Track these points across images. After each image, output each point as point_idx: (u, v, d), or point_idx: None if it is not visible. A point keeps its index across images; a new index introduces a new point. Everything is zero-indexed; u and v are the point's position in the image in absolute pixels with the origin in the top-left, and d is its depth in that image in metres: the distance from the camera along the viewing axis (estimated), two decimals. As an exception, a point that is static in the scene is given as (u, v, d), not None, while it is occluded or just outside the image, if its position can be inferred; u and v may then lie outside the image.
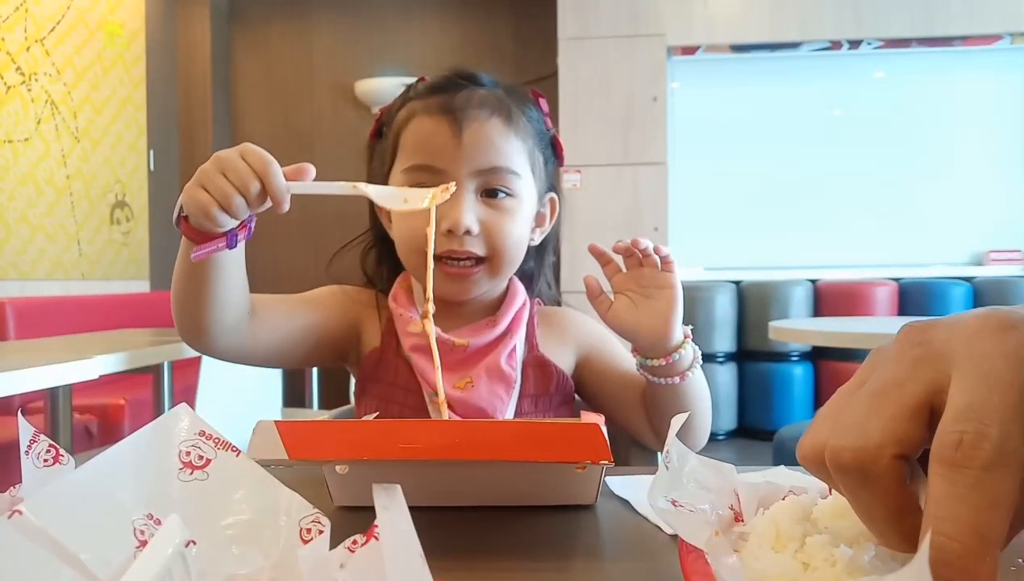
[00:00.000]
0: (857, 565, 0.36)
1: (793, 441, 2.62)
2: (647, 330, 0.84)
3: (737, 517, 0.46)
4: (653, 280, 0.85)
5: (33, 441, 0.43)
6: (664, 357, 0.85)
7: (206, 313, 0.82)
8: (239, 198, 0.70)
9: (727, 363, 4.10)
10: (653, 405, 0.91)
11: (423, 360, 0.90)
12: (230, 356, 0.89)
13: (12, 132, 3.48)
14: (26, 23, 3.57)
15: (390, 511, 0.33)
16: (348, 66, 4.65)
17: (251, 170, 0.70)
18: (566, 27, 4.11)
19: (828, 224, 4.31)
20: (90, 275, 3.94)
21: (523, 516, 0.62)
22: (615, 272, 0.88)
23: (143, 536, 0.38)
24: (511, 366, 0.92)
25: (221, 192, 0.70)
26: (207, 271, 0.79)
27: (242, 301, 0.85)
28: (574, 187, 4.10)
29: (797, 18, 4.08)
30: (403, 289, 0.97)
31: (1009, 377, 0.30)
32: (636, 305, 0.85)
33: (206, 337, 0.85)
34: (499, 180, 0.91)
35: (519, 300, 0.98)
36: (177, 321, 0.85)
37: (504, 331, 0.94)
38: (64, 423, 1.99)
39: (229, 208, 0.70)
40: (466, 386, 0.90)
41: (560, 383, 0.95)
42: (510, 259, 0.93)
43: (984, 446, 0.29)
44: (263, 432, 0.51)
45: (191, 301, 0.82)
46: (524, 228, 0.94)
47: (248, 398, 2.47)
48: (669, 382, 0.86)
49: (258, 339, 0.89)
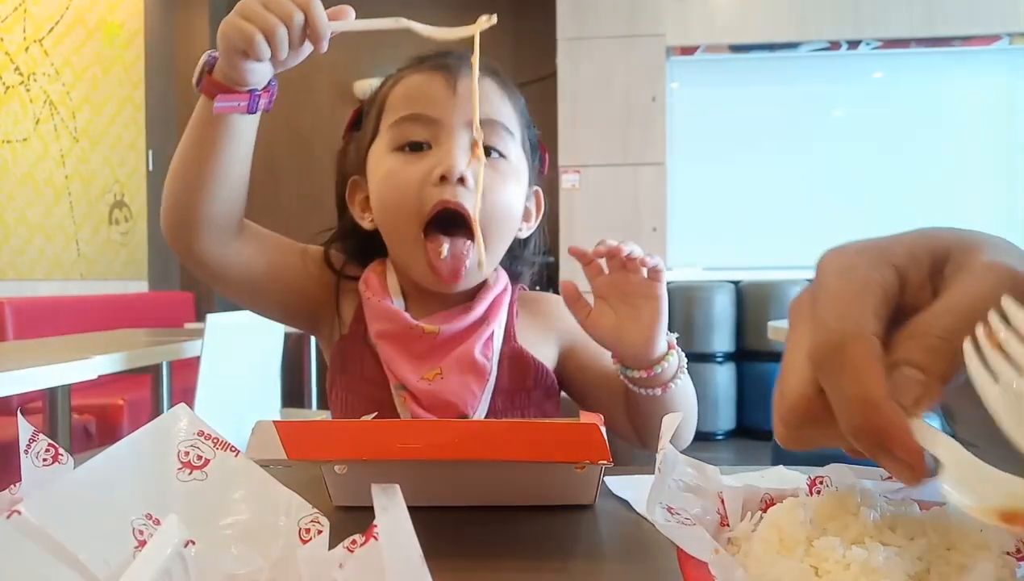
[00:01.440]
0: (872, 566, 0.36)
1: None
2: (628, 341, 0.78)
3: (723, 522, 0.46)
4: (637, 288, 0.77)
5: (32, 440, 0.43)
6: (646, 369, 0.79)
7: (203, 196, 0.78)
8: (283, 29, 0.68)
9: (726, 363, 4.10)
10: (635, 411, 0.86)
11: (391, 348, 0.85)
12: (208, 264, 0.83)
13: (11, 132, 3.48)
14: (25, 23, 3.57)
15: (389, 511, 0.33)
16: (348, 66, 4.65)
17: (295, 4, 0.69)
18: (565, 27, 4.11)
19: (827, 224, 4.31)
20: (89, 275, 3.94)
21: (523, 516, 0.62)
22: (597, 274, 0.79)
23: (142, 536, 0.38)
24: (486, 356, 0.85)
25: (265, 22, 0.68)
26: (218, 140, 0.76)
27: (239, 197, 0.82)
28: (573, 187, 4.10)
29: (796, 18, 4.09)
30: (376, 274, 0.90)
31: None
32: (617, 313, 0.78)
33: (193, 231, 0.80)
34: (494, 135, 0.86)
35: (499, 285, 0.91)
36: (169, 207, 0.81)
37: (481, 317, 0.87)
38: (63, 423, 1.99)
39: (273, 38, 0.68)
40: (435, 377, 0.83)
41: (540, 377, 0.89)
42: (500, 229, 0.87)
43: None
44: (262, 432, 0.51)
45: (192, 177, 0.78)
46: (516, 198, 0.88)
47: (247, 398, 2.47)
48: (651, 393, 0.81)
49: (240, 257, 0.85)
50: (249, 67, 0.71)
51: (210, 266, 0.84)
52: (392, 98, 0.88)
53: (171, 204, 0.81)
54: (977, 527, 0.39)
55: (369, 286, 0.89)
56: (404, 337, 0.85)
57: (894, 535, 0.39)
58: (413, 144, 0.85)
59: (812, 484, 0.49)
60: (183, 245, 0.82)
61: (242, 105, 0.73)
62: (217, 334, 2.25)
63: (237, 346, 2.37)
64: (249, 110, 0.74)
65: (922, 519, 0.40)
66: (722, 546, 0.42)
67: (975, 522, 0.40)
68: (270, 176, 4.64)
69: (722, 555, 0.38)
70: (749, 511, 0.46)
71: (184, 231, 0.81)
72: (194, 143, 0.77)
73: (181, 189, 0.79)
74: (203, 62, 0.73)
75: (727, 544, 0.43)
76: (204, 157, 0.77)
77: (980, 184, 4.31)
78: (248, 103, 0.73)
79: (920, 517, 0.40)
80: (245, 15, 0.69)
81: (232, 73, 0.71)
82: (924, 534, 0.39)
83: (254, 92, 0.73)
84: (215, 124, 0.75)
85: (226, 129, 0.76)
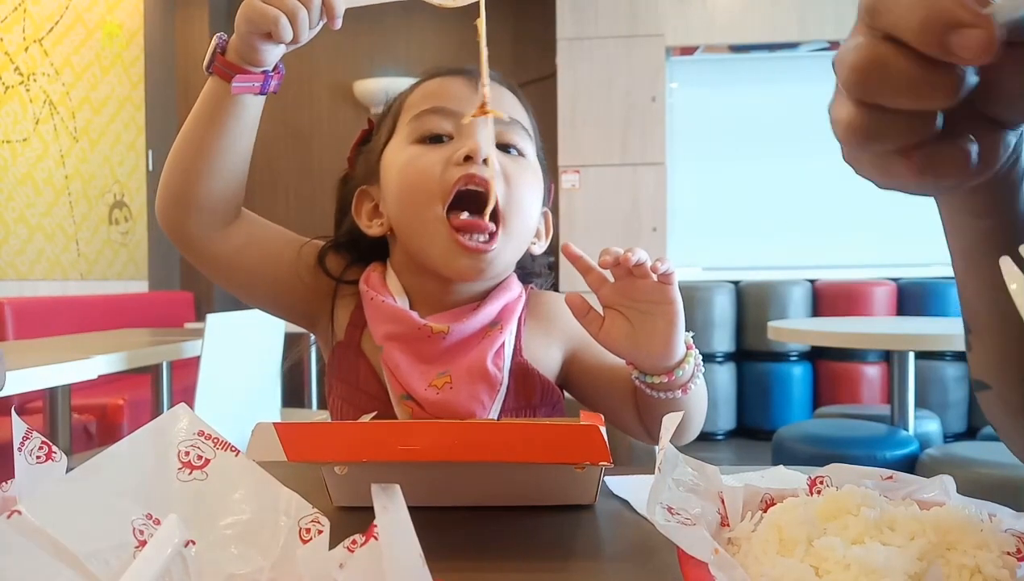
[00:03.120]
0: (872, 566, 0.36)
1: (792, 441, 2.63)
2: (646, 351, 0.75)
3: (723, 522, 0.46)
4: (649, 294, 0.73)
5: (26, 438, 0.43)
6: (666, 374, 0.77)
7: (205, 176, 0.80)
8: (303, 12, 0.72)
9: (726, 363, 4.10)
10: (648, 412, 0.84)
11: (398, 352, 0.82)
12: (201, 248, 0.84)
13: (10, 132, 3.48)
14: (24, 23, 3.56)
15: (390, 511, 0.33)
16: (347, 66, 4.65)
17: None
18: (565, 27, 4.11)
19: (827, 224, 4.31)
20: (88, 275, 3.94)
21: (523, 516, 0.62)
22: (600, 283, 0.76)
23: (142, 536, 0.38)
24: (497, 366, 0.82)
25: (286, 5, 0.71)
26: (228, 120, 0.78)
27: (239, 181, 0.83)
28: (573, 187, 4.10)
29: (796, 18, 4.09)
30: (376, 273, 0.88)
31: None
32: (632, 322, 0.75)
33: (191, 211, 0.81)
34: (514, 134, 0.85)
35: (513, 291, 0.88)
36: (167, 186, 0.82)
37: (492, 322, 0.84)
38: (63, 423, 1.99)
39: (295, 20, 0.71)
40: (444, 385, 0.80)
41: (545, 393, 0.86)
42: (522, 219, 0.84)
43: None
44: (262, 434, 0.51)
45: (195, 156, 0.79)
46: (535, 194, 0.86)
47: (247, 398, 2.47)
48: (670, 396, 0.78)
49: (233, 242, 0.85)
50: (267, 48, 0.74)
51: (204, 250, 0.84)
52: (411, 99, 0.87)
53: (170, 183, 0.81)
54: (978, 527, 0.39)
55: (371, 284, 0.86)
56: (411, 338, 0.82)
57: (894, 535, 0.39)
58: (434, 136, 0.83)
59: (812, 484, 0.49)
60: (177, 225, 0.82)
61: (256, 85, 0.76)
62: (217, 334, 2.25)
63: (237, 346, 2.37)
64: (262, 91, 0.77)
65: (922, 519, 0.40)
66: (722, 546, 0.42)
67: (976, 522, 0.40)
68: (269, 175, 4.65)
69: (722, 555, 0.38)
70: (749, 511, 0.46)
71: (181, 211, 0.82)
72: (201, 123, 0.79)
73: (182, 169, 0.80)
74: (215, 44, 0.75)
75: (727, 544, 0.43)
76: (211, 136, 0.79)
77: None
78: (262, 84, 0.77)
79: (920, 517, 0.40)
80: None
81: (251, 55, 0.74)
82: (924, 534, 0.39)
83: (267, 72, 0.77)
84: (225, 105, 0.77)
85: (235, 110, 0.78)
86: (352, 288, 0.89)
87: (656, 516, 0.41)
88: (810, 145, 4.37)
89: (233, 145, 0.80)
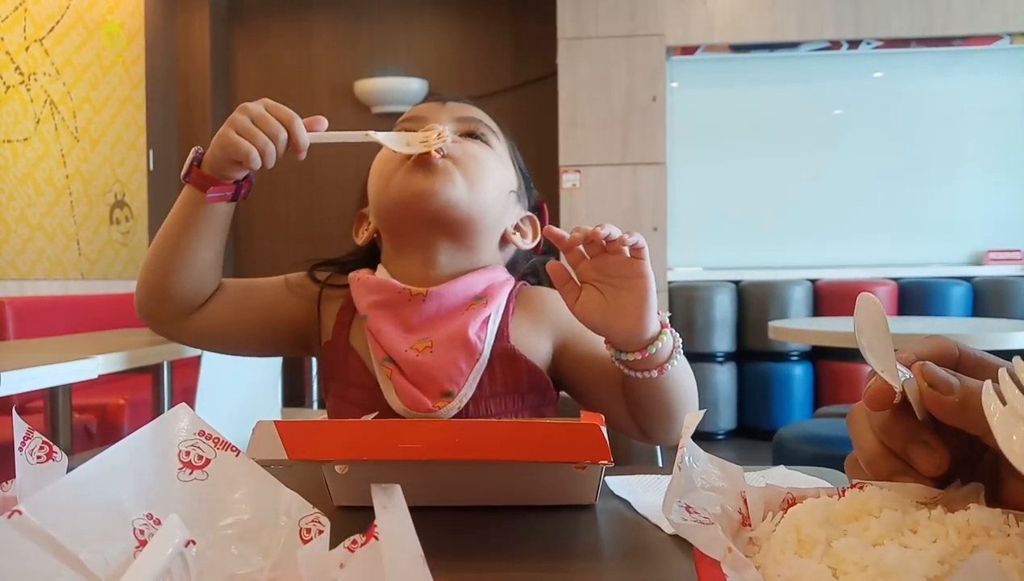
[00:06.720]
0: (889, 568, 0.36)
1: (792, 441, 2.62)
2: (618, 324, 0.77)
3: (745, 522, 0.45)
4: (621, 269, 0.76)
5: (27, 438, 0.43)
6: (639, 351, 0.78)
7: (179, 272, 0.88)
8: (271, 146, 0.81)
9: (727, 363, 4.10)
10: (632, 399, 0.85)
11: (381, 318, 0.88)
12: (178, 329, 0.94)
13: (11, 132, 3.48)
14: (25, 23, 3.57)
15: (390, 511, 0.33)
16: (348, 66, 4.65)
17: (279, 122, 0.81)
18: (565, 27, 4.11)
19: (827, 224, 4.31)
20: (89, 275, 3.94)
21: (523, 516, 0.62)
22: (578, 260, 0.78)
23: (143, 536, 0.38)
24: (480, 338, 0.87)
25: (259, 140, 0.80)
26: (204, 224, 0.87)
27: (212, 274, 0.92)
28: (573, 187, 4.10)
29: (796, 18, 4.09)
30: (366, 270, 0.95)
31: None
32: (605, 297, 0.77)
33: (166, 303, 0.90)
34: (478, 128, 0.95)
35: (498, 274, 0.93)
36: (146, 282, 0.91)
37: (477, 295, 0.89)
38: (64, 423, 1.99)
39: (264, 154, 0.81)
40: (424, 349, 0.86)
41: (533, 377, 0.89)
42: (481, 176, 0.90)
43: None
44: (262, 432, 0.51)
45: (171, 254, 0.88)
46: (498, 175, 0.93)
47: (248, 398, 2.47)
48: (647, 375, 0.80)
49: (220, 314, 0.94)
50: (239, 170, 0.84)
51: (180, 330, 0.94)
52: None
53: (148, 278, 0.91)
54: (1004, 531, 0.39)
55: (359, 274, 0.94)
56: (393, 303, 0.88)
57: (916, 537, 0.38)
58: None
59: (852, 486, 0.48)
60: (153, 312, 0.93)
61: (227, 195, 0.86)
62: (217, 334, 2.24)
63: (237, 346, 2.37)
64: (233, 198, 0.87)
65: (945, 522, 0.40)
66: (743, 546, 0.41)
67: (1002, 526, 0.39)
68: (269, 176, 4.64)
69: (735, 554, 0.38)
70: (770, 511, 0.45)
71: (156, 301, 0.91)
72: (177, 225, 0.88)
73: (160, 264, 0.89)
74: (192, 157, 0.84)
75: (748, 544, 0.43)
76: (186, 237, 0.88)
77: (980, 183, 4.30)
78: (233, 193, 0.86)
79: (944, 520, 0.40)
80: (239, 130, 0.80)
81: (224, 172, 0.83)
82: (947, 537, 0.38)
83: (238, 183, 0.86)
84: (199, 211, 0.87)
85: (208, 215, 0.87)
86: (337, 290, 0.96)
87: (672, 514, 0.40)
88: (811, 144, 4.38)
89: (207, 244, 0.89)
